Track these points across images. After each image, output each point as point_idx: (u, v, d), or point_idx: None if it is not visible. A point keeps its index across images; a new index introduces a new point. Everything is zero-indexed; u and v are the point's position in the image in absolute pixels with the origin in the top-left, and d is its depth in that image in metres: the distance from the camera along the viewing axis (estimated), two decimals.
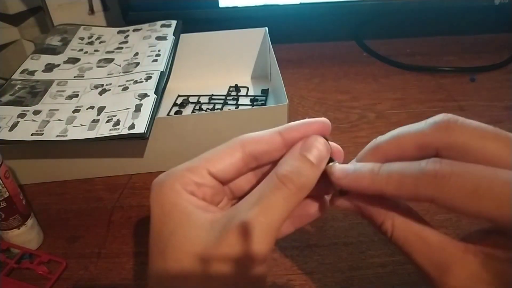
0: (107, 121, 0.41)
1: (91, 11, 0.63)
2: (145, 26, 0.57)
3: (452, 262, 0.19)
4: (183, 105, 0.56)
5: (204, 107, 0.55)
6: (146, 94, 0.44)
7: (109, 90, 0.47)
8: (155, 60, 0.50)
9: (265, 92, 0.57)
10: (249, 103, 0.55)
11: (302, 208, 0.23)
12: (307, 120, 0.22)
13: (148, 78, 0.47)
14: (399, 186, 0.19)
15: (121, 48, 0.54)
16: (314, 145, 0.21)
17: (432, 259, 0.19)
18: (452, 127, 0.19)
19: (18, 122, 0.42)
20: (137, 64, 0.50)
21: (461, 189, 0.17)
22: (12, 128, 0.42)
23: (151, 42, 0.53)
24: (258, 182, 0.23)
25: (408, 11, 0.74)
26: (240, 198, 0.24)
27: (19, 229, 0.38)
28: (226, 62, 0.59)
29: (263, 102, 0.55)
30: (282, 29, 0.61)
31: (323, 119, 0.22)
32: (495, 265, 0.18)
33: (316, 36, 0.72)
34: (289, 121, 0.45)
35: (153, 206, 0.21)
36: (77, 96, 0.46)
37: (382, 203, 0.21)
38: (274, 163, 0.22)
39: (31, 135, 0.41)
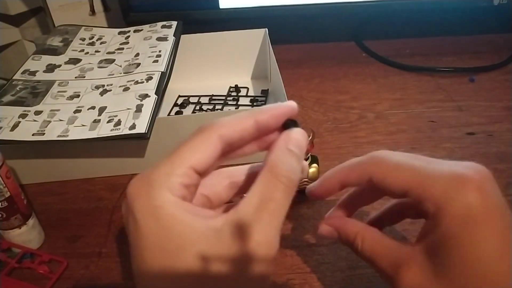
0: (108, 121, 0.42)
1: (92, 12, 0.63)
2: (145, 27, 0.58)
3: (404, 259, 0.24)
4: (183, 105, 0.56)
5: (204, 107, 0.55)
6: (147, 94, 0.44)
7: (110, 90, 0.47)
8: (156, 61, 0.50)
9: (265, 93, 0.57)
10: (249, 104, 0.55)
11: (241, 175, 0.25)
12: (278, 104, 0.23)
13: (149, 78, 0.47)
14: (351, 169, 0.26)
15: (122, 48, 0.54)
16: (299, 139, 0.22)
17: (390, 260, 0.24)
18: (377, 160, 0.25)
19: (19, 122, 0.43)
20: (138, 64, 0.50)
21: (389, 165, 0.24)
22: (13, 128, 0.42)
23: (151, 43, 0.54)
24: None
25: (407, 12, 0.74)
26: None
27: (20, 228, 0.38)
28: (226, 62, 0.59)
29: (263, 102, 0.55)
30: (282, 30, 0.61)
31: (292, 103, 0.23)
32: (434, 251, 0.22)
33: (316, 36, 0.72)
34: None
35: (145, 220, 0.19)
36: (78, 96, 0.46)
37: (353, 225, 0.28)
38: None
39: (32, 135, 0.41)
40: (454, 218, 0.21)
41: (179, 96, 0.58)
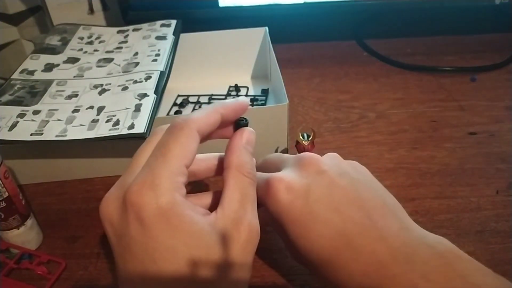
0: (107, 121, 0.41)
1: (91, 10, 0.62)
2: (144, 25, 0.57)
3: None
4: (183, 105, 0.56)
5: (203, 107, 0.55)
6: (146, 94, 0.44)
7: (109, 90, 0.47)
8: (155, 60, 0.50)
9: (265, 92, 0.57)
10: (249, 103, 0.55)
11: (199, 163, 0.27)
12: (235, 100, 0.26)
13: (148, 77, 0.47)
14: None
15: (121, 47, 0.54)
16: (252, 139, 0.26)
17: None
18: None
19: (17, 122, 0.42)
20: (137, 63, 0.50)
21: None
22: (11, 128, 0.41)
23: (150, 42, 0.53)
24: None
25: (408, 11, 0.74)
26: None
27: (18, 229, 0.38)
28: (226, 62, 0.59)
29: (263, 102, 0.55)
30: (282, 29, 0.61)
31: (246, 99, 0.27)
32: None
33: (316, 36, 0.72)
34: (289, 122, 0.45)
35: (156, 224, 0.20)
36: (76, 96, 0.46)
37: None
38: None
39: (31, 135, 0.41)
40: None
41: (178, 95, 0.57)
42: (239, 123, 0.26)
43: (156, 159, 0.22)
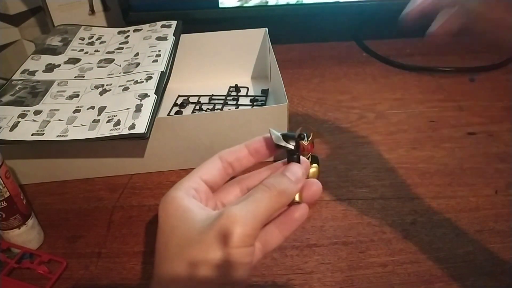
0: (108, 121, 0.41)
1: (92, 11, 0.63)
2: (145, 26, 0.58)
3: None
4: (183, 105, 0.56)
5: (204, 107, 0.55)
6: (147, 94, 0.44)
7: (110, 90, 0.47)
8: (156, 61, 0.50)
9: (265, 92, 0.57)
10: (249, 103, 0.55)
11: (287, 215, 0.27)
12: (266, 136, 0.28)
13: (149, 78, 0.47)
14: None
15: (122, 48, 0.54)
16: (293, 169, 0.27)
17: None
18: None
19: (18, 122, 0.42)
20: (138, 64, 0.50)
21: None
22: (12, 128, 0.42)
23: (151, 43, 0.53)
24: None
25: None
26: None
27: (19, 229, 0.38)
28: (226, 62, 0.59)
29: (263, 102, 0.55)
30: (282, 29, 0.61)
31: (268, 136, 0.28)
32: None
33: (316, 36, 0.72)
34: (289, 121, 0.45)
35: (159, 212, 0.26)
36: (77, 96, 0.46)
37: None
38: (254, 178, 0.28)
39: (32, 135, 0.41)
40: None
41: (179, 96, 0.58)
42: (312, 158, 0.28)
43: None
